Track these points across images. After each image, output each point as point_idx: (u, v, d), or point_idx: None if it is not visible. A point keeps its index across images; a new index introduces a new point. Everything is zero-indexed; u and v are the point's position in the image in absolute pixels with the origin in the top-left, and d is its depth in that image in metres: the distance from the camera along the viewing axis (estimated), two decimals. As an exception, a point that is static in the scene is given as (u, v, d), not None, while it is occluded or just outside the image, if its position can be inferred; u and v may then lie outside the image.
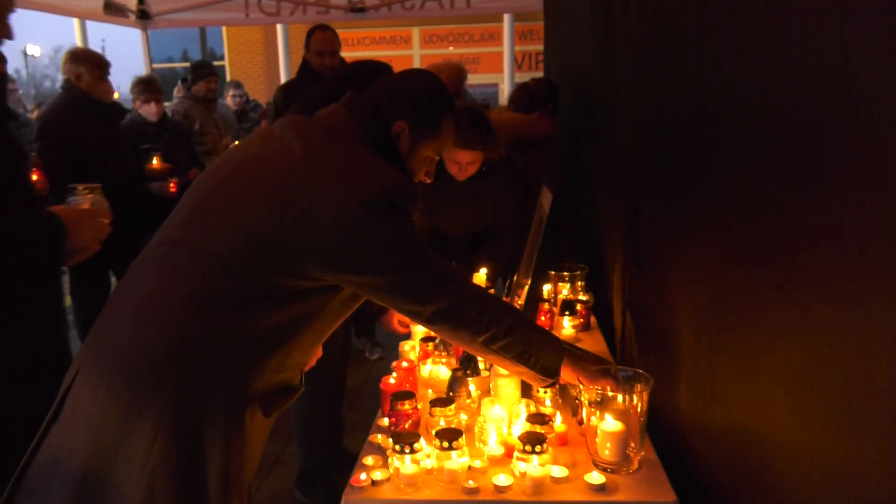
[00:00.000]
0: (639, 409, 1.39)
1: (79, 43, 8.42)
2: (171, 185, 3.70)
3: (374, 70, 2.31)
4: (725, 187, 1.16)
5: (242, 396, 1.29)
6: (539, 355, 1.40)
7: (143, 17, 5.16)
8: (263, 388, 1.33)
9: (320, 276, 1.30)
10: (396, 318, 2.07)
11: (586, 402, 1.44)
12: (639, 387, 1.41)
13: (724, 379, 1.23)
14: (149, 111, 4.00)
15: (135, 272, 1.35)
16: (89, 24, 7.76)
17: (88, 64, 3.53)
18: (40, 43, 65.98)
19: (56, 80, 43.90)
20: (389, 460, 1.41)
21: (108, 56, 3.81)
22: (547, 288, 2.42)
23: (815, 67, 0.80)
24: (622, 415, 1.39)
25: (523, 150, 3.00)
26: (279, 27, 10.80)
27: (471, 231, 2.90)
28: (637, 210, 1.85)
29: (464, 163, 2.62)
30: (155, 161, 3.80)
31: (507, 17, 10.61)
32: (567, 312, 2.25)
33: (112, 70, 3.63)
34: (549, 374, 1.42)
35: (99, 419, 1.22)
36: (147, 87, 4.02)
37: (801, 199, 0.86)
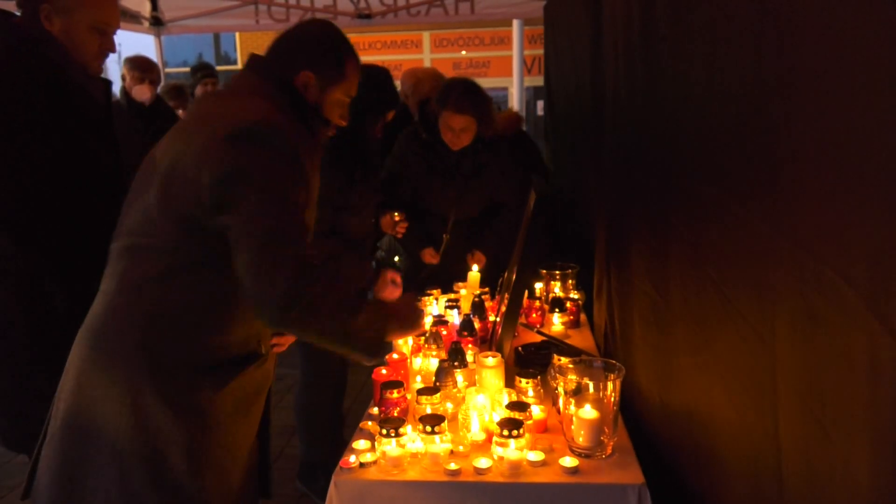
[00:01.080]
0: (612, 398, 1.47)
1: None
2: None
3: (371, 76, 2.41)
4: (675, 191, 1.24)
5: (190, 373, 1.37)
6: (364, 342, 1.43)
7: (157, 23, 5.28)
8: (214, 363, 1.39)
9: (207, 223, 1.32)
10: (388, 277, 2.17)
11: (563, 392, 1.52)
12: (612, 376, 1.48)
13: (676, 367, 1.31)
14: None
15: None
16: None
17: (129, 65, 3.80)
18: (58, 47, 66.64)
19: (73, 84, 44.56)
20: (377, 444, 1.50)
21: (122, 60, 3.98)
22: (539, 286, 2.50)
23: (739, 92, 0.87)
24: (596, 403, 1.47)
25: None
26: (291, 32, 10.93)
27: (456, 212, 2.93)
28: (613, 213, 1.94)
29: (457, 128, 2.73)
30: None
31: (516, 22, 10.69)
32: (557, 309, 2.33)
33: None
34: (372, 355, 1.45)
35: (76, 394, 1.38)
36: (176, 93, 4.18)
37: (730, 204, 0.93)
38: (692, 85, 1.11)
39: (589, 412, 1.46)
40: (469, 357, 1.84)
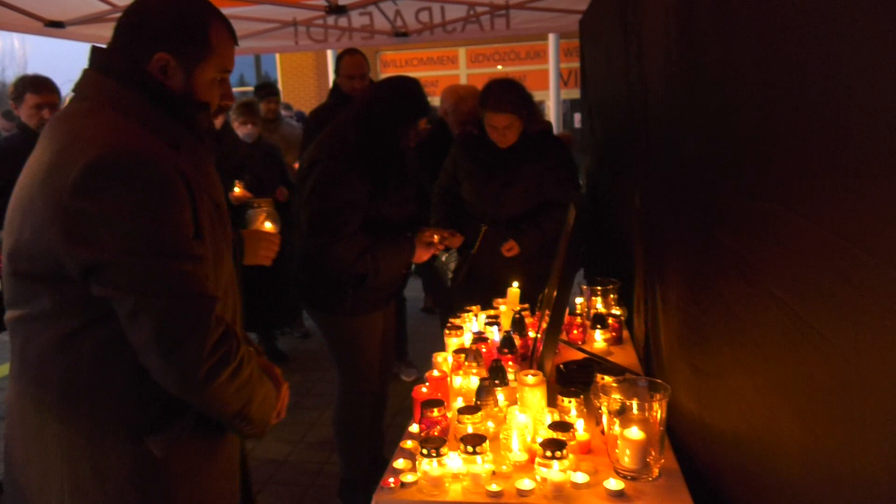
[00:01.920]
0: (658, 418, 1.43)
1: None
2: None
3: (398, 86, 2.43)
4: (721, 202, 1.20)
5: (124, 430, 1.24)
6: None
7: (200, 46, 5.43)
8: (148, 417, 1.26)
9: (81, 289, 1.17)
10: (427, 234, 2.25)
11: (607, 411, 1.49)
12: (658, 396, 1.44)
13: (722, 388, 1.26)
14: (245, 132, 4.25)
15: None
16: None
17: None
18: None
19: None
20: (418, 464, 1.48)
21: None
22: (579, 301, 2.46)
23: (811, 98, 0.83)
24: (642, 423, 1.43)
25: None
26: (329, 52, 11.13)
27: (496, 207, 2.95)
28: (653, 228, 1.90)
29: (500, 127, 2.81)
30: (237, 189, 3.95)
31: (552, 36, 10.70)
32: (598, 326, 2.29)
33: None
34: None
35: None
36: (246, 110, 4.28)
37: (791, 218, 0.90)
38: (742, 99, 1.08)
39: (635, 433, 1.43)
40: (510, 375, 1.81)
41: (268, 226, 2.24)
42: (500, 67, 13.92)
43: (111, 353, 1.22)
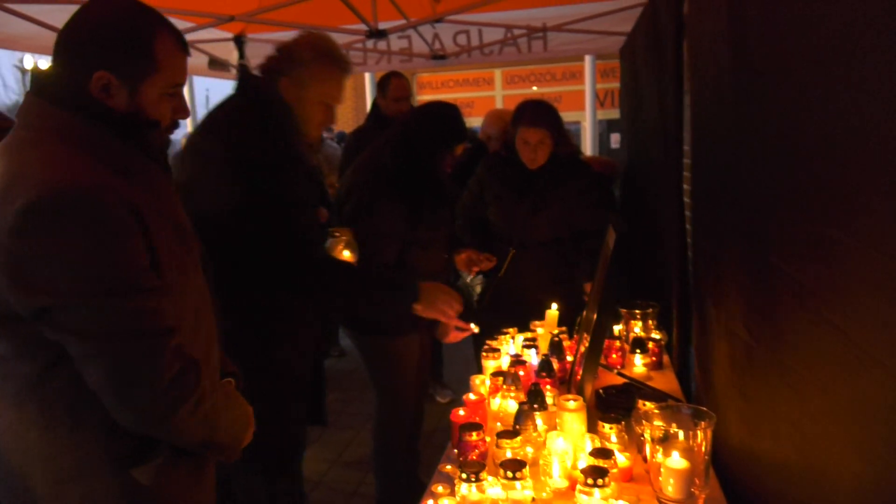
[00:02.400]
0: (703, 447, 1.39)
1: (186, 93, 9.18)
2: None
3: (437, 113, 2.47)
4: (778, 227, 1.18)
5: (108, 463, 1.22)
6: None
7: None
8: (128, 448, 1.24)
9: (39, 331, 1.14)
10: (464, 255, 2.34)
11: (650, 439, 1.46)
12: (703, 424, 1.41)
13: (771, 415, 1.23)
14: None
15: None
16: (194, 77, 8.44)
17: None
18: (152, 94, 71.33)
19: (165, 128, 47.49)
20: (456, 488, 1.47)
21: (213, 104, 4.18)
22: (618, 326, 2.43)
23: (872, 122, 0.82)
24: (686, 452, 1.40)
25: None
26: (367, 74, 11.31)
27: (526, 230, 2.96)
28: (700, 252, 1.87)
29: (533, 142, 2.82)
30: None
31: (588, 57, 10.70)
32: (638, 350, 2.25)
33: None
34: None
35: None
36: None
37: (853, 245, 0.88)
38: (799, 124, 1.07)
39: (678, 461, 1.40)
40: (549, 399, 1.79)
41: (346, 255, 2.28)
42: (535, 88, 13.96)
43: (80, 391, 1.17)
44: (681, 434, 1.40)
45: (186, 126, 9.10)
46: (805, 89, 1.04)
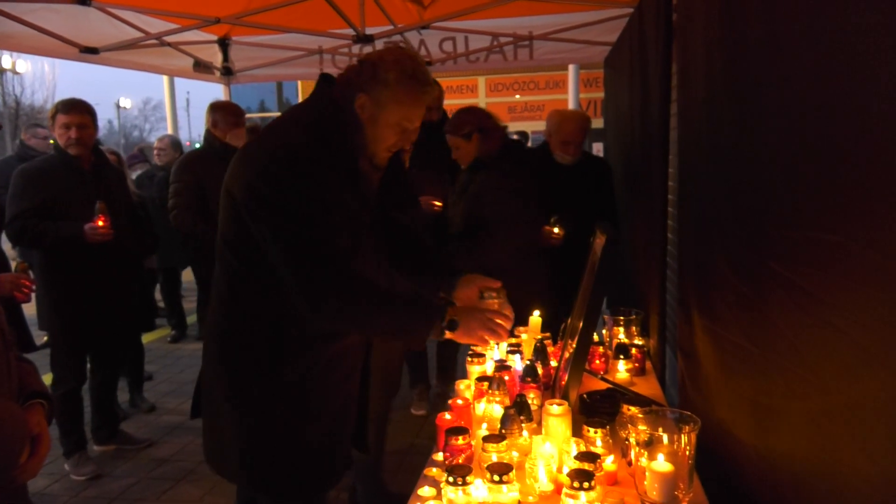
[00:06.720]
0: (687, 451, 1.41)
1: (167, 95, 9.09)
2: None
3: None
4: (777, 232, 1.21)
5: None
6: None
7: (227, 73, 5.55)
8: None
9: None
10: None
11: (634, 443, 1.47)
12: (687, 428, 1.43)
13: (783, 417, 1.24)
14: None
15: None
16: (176, 79, 8.37)
17: (223, 112, 3.91)
18: (132, 96, 70.91)
19: (144, 129, 46.90)
20: (443, 492, 1.47)
21: (193, 107, 4.20)
22: (602, 332, 2.46)
23: (871, 126, 0.84)
24: (671, 456, 1.42)
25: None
26: (351, 79, 11.29)
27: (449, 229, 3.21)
28: (687, 261, 1.89)
29: (453, 147, 3.22)
30: None
31: (572, 66, 10.79)
32: (622, 356, 2.27)
33: (192, 120, 3.97)
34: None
35: None
36: (251, 133, 4.34)
37: (851, 248, 0.90)
38: (797, 129, 1.09)
39: (663, 465, 1.41)
40: (535, 403, 1.80)
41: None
42: (518, 97, 14.05)
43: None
44: (665, 438, 1.42)
45: (167, 128, 9.03)
46: (803, 94, 1.06)
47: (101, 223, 3.25)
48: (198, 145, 4.49)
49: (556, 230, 3.27)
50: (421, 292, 1.85)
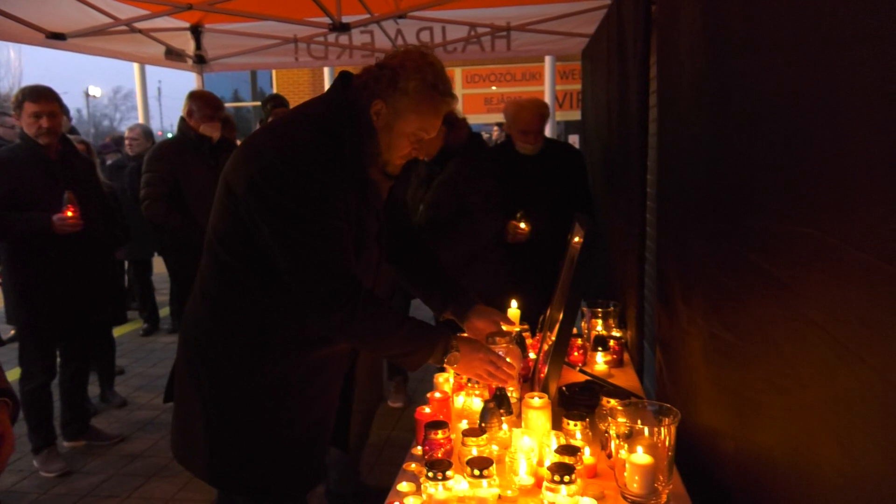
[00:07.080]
0: (667, 443, 1.41)
1: (137, 84, 8.91)
2: None
3: None
4: (755, 226, 1.20)
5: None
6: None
7: (200, 61, 5.44)
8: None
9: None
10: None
11: (614, 435, 1.47)
12: (666, 420, 1.43)
13: (761, 410, 1.25)
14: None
15: None
16: (148, 67, 8.19)
17: (200, 102, 3.81)
18: (101, 84, 69.39)
19: (114, 118, 45.91)
20: (423, 487, 1.46)
21: (164, 96, 4.10)
22: (580, 324, 2.46)
23: (848, 122, 0.84)
24: (649, 448, 1.42)
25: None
26: (326, 69, 11.20)
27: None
28: (665, 253, 1.89)
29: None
30: None
31: (548, 58, 10.81)
32: (600, 348, 2.28)
33: (164, 109, 3.87)
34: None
35: None
36: (224, 123, 4.26)
37: (829, 242, 0.90)
38: (776, 123, 1.09)
39: (643, 457, 1.41)
40: (514, 396, 1.80)
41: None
42: (494, 88, 14.05)
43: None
44: (645, 430, 1.42)
45: (138, 116, 8.85)
46: (781, 87, 1.05)
47: (70, 213, 3.16)
48: (170, 135, 4.39)
49: (521, 225, 3.16)
50: (425, 323, 1.76)
